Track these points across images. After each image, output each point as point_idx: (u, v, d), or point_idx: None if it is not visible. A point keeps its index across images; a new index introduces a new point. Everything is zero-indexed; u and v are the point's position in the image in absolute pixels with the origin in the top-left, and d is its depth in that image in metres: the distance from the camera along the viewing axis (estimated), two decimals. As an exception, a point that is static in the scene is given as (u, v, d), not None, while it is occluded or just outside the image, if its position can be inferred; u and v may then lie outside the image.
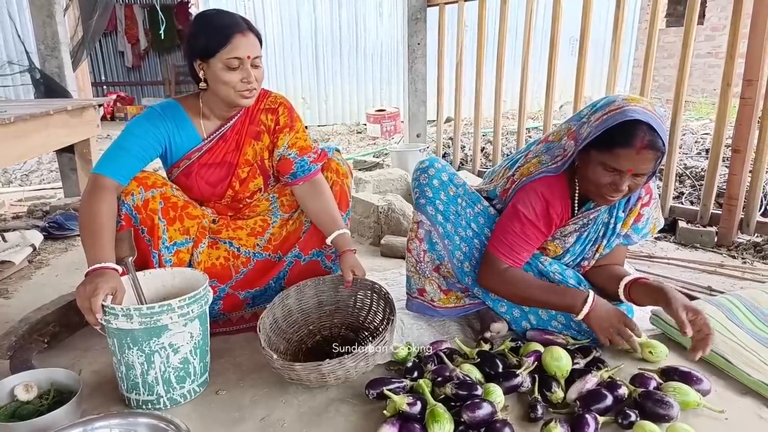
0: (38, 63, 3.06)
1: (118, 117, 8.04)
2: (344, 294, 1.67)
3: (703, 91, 8.78)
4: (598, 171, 1.35)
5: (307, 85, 7.61)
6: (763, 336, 1.55)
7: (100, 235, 1.35)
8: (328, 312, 1.68)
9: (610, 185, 1.35)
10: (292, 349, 1.58)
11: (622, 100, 1.34)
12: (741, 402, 1.33)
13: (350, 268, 1.57)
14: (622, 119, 1.28)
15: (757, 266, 2.29)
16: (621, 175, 1.32)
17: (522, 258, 1.52)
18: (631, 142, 1.27)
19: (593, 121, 1.36)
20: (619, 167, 1.31)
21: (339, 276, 1.64)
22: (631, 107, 1.30)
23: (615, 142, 1.30)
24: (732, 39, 2.47)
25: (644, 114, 1.28)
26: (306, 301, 1.66)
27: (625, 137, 1.28)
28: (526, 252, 1.52)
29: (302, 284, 1.64)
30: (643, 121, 1.27)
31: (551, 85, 3.30)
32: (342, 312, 1.69)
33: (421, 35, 4.08)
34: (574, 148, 1.42)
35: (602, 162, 1.33)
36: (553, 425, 1.15)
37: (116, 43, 9.82)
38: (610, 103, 1.35)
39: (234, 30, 1.43)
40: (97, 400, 1.37)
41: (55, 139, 2.57)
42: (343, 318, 1.69)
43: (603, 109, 1.35)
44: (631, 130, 1.27)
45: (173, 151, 1.56)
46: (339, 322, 1.69)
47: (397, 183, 3.32)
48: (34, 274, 2.26)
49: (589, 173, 1.38)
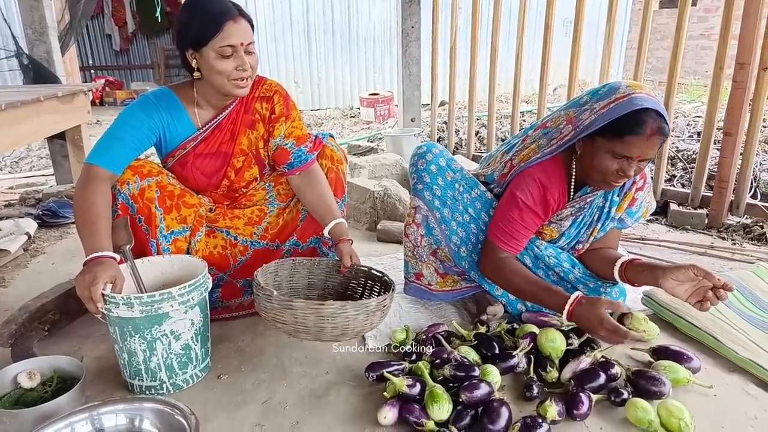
0: (26, 48, 3.01)
1: (107, 102, 7.92)
2: (336, 281, 1.67)
3: (695, 72, 8.80)
4: (606, 158, 1.37)
5: (299, 69, 7.53)
6: (751, 315, 1.59)
7: (97, 225, 1.35)
8: (317, 295, 1.67)
9: (618, 171, 1.37)
10: None
11: (626, 87, 1.36)
12: (729, 379, 1.38)
13: (348, 254, 1.58)
14: (631, 108, 1.30)
15: (747, 247, 2.34)
16: (629, 161, 1.35)
17: (521, 244, 1.54)
18: (641, 129, 1.30)
19: (598, 108, 1.37)
20: (630, 154, 1.33)
21: (335, 261, 1.64)
22: (636, 94, 1.32)
23: (625, 130, 1.31)
24: (725, 22, 2.48)
25: (650, 101, 1.31)
26: (297, 280, 1.65)
27: (636, 125, 1.30)
28: (525, 238, 1.54)
29: (298, 260, 1.64)
30: (651, 108, 1.29)
31: (545, 68, 3.29)
32: (331, 297, 1.67)
33: (415, 18, 4.04)
34: (573, 133, 1.44)
35: (611, 150, 1.35)
36: (548, 403, 1.19)
37: (103, 26, 9.62)
38: (614, 91, 1.36)
39: (226, 17, 1.39)
40: (100, 386, 1.38)
41: (47, 126, 2.54)
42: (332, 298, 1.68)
43: (608, 97, 1.36)
44: (641, 118, 1.30)
45: (168, 140, 1.55)
46: None
47: (392, 168, 3.32)
48: (30, 262, 2.26)
49: (595, 161, 1.39)
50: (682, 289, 1.37)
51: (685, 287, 1.37)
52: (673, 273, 1.37)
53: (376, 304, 1.34)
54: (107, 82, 8.31)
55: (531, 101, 6.69)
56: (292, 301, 1.28)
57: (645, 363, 1.42)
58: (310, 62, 7.57)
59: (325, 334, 1.33)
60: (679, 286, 1.37)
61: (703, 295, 1.34)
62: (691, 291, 1.36)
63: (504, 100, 6.87)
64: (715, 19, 8.62)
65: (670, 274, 1.38)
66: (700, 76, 8.41)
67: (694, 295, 1.36)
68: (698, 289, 1.35)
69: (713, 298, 1.32)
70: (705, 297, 1.33)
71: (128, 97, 8.00)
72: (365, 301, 1.33)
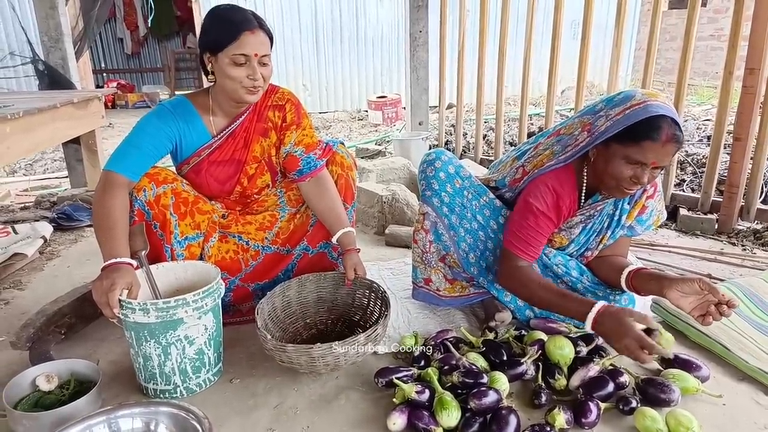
0: (42, 54, 3.06)
1: (119, 105, 8.01)
2: (343, 292, 1.71)
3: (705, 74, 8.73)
4: (621, 164, 1.38)
5: (308, 72, 7.56)
6: (761, 323, 1.59)
7: (115, 231, 1.38)
8: (327, 308, 1.73)
9: (632, 178, 1.38)
10: (287, 338, 1.63)
11: (641, 95, 1.37)
12: (738, 388, 1.38)
13: (353, 266, 1.61)
14: (647, 114, 1.32)
15: (757, 253, 2.33)
16: (643, 167, 1.36)
17: (537, 251, 1.54)
18: (657, 135, 1.31)
19: (613, 115, 1.38)
20: (645, 160, 1.34)
21: (341, 274, 1.69)
22: (652, 102, 1.34)
23: (641, 135, 1.33)
24: (734, 27, 2.47)
25: (666, 108, 1.33)
26: (306, 295, 1.71)
27: (652, 130, 1.32)
28: (540, 245, 1.54)
29: (304, 278, 1.69)
30: (667, 115, 1.31)
31: (554, 70, 3.30)
32: (339, 309, 1.73)
33: (422, 23, 4.06)
34: (589, 140, 1.45)
35: (626, 155, 1.36)
36: (557, 411, 1.20)
37: (115, 30, 9.75)
38: (630, 98, 1.38)
39: (243, 27, 1.44)
40: (116, 389, 1.42)
41: (62, 132, 2.58)
42: (339, 314, 1.73)
43: (623, 104, 1.38)
44: (657, 124, 1.31)
45: (183, 148, 1.58)
46: (336, 318, 1.73)
47: (400, 172, 3.34)
48: (45, 265, 2.30)
49: (609, 167, 1.40)
50: (687, 302, 1.38)
51: (690, 300, 1.37)
52: (678, 284, 1.38)
53: (365, 338, 1.38)
54: (119, 85, 8.40)
55: (538, 104, 6.67)
56: (285, 346, 1.34)
57: (654, 371, 1.42)
58: (318, 65, 7.60)
59: (320, 369, 1.41)
60: (683, 298, 1.38)
61: (706, 310, 1.34)
62: (695, 304, 1.37)
63: (511, 102, 6.87)
64: (725, 20, 8.55)
65: (676, 285, 1.38)
66: (711, 77, 8.35)
67: (697, 309, 1.36)
68: (702, 303, 1.36)
69: (716, 314, 1.32)
70: (708, 312, 1.34)
71: (139, 99, 8.08)
72: (354, 337, 1.36)
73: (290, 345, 1.34)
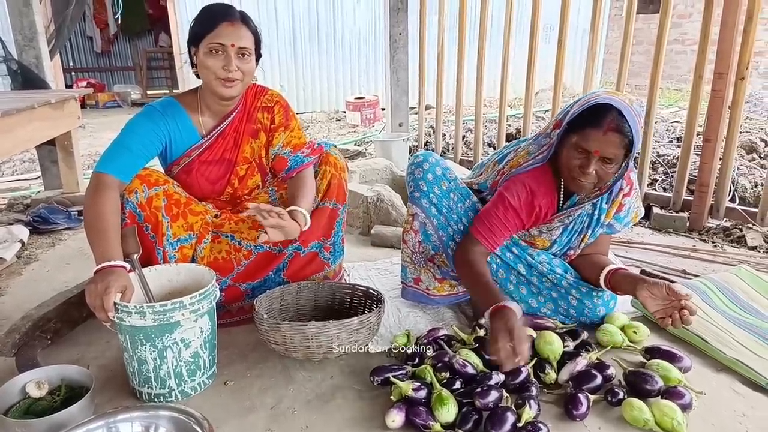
0: (15, 53, 2.97)
1: (89, 104, 7.80)
2: (339, 297, 1.74)
3: (670, 77, 9.02)
4: (571, 153, 1.45)
5: (285, 73, 7.52)
6: (735, 316, 1.67)
7: (107, 234, 1.37)
8: (323, 314, 1.75)
9: (579, 167, 1.44)
10: None
11: (603, 91, 1.47)
12: (717, 378, 1.45)
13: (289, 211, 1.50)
14: (596, 102, 1.40)
15: (727, 249, 2.44)
16: (589, 157, 1.42)
17: (498, 241, 1.60)
18: (599, 122, 1.38)
19: (574, 107, 1.48)
20: (588, 147, 1.41)
21: (339, 284, 1.74)
22: (606, 95, 1.42)
23: (586, 122, 1.41)
24: (704, 30, 2.58)
25: (618, 102, 1.39)
26: (303, 304, 1.74)
27: (594, 118, 1.39)
28: (503, 237, 1.60)
29: (303, 284, 1.72)
30: (614, 106, 1.38)
31: (531, 73, 3.37)
32: (336, 315, 1.74)
33: (402, 25, 4.09)
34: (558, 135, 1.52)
35: (575, 143, 1.44)
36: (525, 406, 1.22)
37: (84, 28, 9.47)
38: (592, 93, 1.48)
39: (223, 18, 1.48)
40: (108, 394, 1.39)
41: (40, 133, 2.51)
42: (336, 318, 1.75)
43: (584, 98, 1.48)
44: (600, 112, 1.39)
45: (173, 148, 1.58)
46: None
47: (382, 173, 3.36)
48: (24, 269, 2.24)
49: (563, 156, 1.48)
50: (653, 303, 1.45)
51: (657, 302, 1.45)
52: (650, 287, 1.46)
53: (358, 322, 1.41)
54: (89, 85, 8.17)
55: (514, 105, 6.80)
56: (280, 323, 1.36)
57: (638, 363, 1.48)
58: (296, 66, 7.57)
59: (313, 352, 1.43)
60: (651, 299, 1.45)
61: (669, 313, 1.42)
62: (660, 307, 1.45)
63: (488, 104, 6.97)
64: (688, 25, 8.86)
65: (648, 287, 1.46)
66: (676, 80, 8.64)
67: (660, 311, 1.45)
68: (667, 307, 1.44)
69: (677, 321, 1.40)
70: (671, 316, 1.42)
71: (110, 99, 7.89)
72: (348, 320, 1.40)
73: (285, 323, 1.37)
